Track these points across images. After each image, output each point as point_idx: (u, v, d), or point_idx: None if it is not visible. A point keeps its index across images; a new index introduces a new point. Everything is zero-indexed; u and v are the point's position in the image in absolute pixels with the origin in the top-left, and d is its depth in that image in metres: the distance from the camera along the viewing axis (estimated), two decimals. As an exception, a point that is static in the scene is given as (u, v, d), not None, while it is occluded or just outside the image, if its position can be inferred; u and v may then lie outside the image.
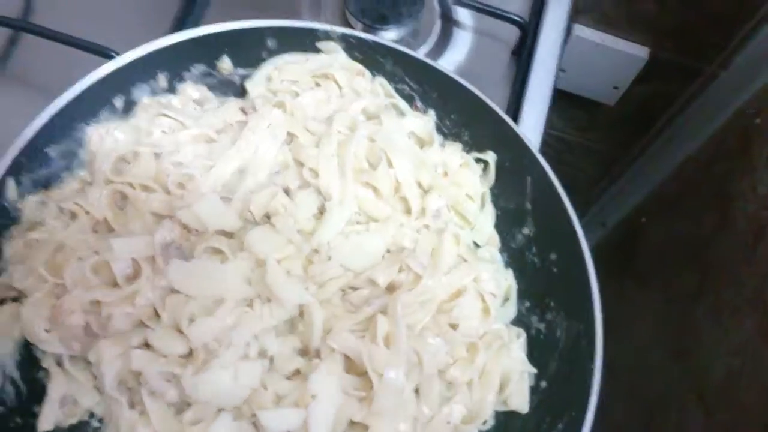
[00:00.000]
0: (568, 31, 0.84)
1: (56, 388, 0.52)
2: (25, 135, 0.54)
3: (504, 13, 0.77)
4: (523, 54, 0.78)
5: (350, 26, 0.76)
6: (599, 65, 1.06)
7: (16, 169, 0.54)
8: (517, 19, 0.77)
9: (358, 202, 0.56)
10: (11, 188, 0.54)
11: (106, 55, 0.66)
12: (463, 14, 0.80)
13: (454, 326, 0.56)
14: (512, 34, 0.79)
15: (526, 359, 0.57)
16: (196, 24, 0.74)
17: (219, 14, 0.76)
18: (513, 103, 0.74)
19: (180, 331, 0.51)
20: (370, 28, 0.75)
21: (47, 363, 0.53)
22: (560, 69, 0.80)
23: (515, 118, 0.72)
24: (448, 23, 0.80)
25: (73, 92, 0.56)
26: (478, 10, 0.77)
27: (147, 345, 0.51)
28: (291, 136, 0.59)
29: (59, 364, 0.53)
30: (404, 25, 0.75)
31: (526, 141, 0.60)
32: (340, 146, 0.57)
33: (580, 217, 0.57)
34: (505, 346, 0.56)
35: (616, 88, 1.10)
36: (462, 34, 0.80)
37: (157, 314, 0.52)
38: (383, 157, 0.57)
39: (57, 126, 0.55)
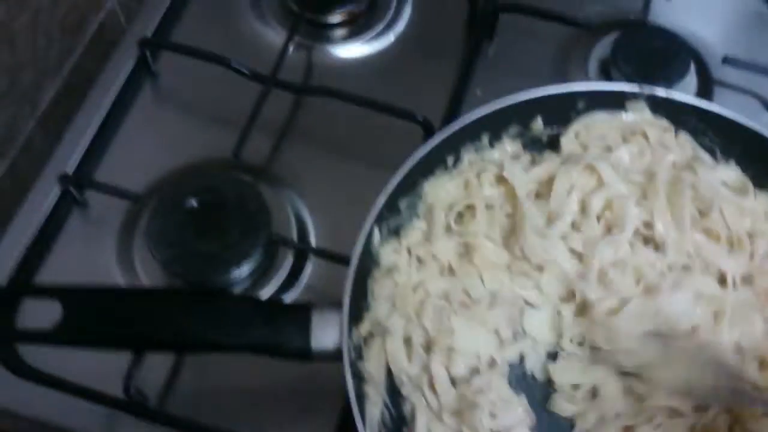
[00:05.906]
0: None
1: (421, 417, 0.58)
2: (386, 190, 0.61)
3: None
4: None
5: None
6: None
7: (379, 219, 0.61)
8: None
9: (695, 248, 0.59)
10: (376, 236, 0.61)
11: (414, 119, 0.74)
12: (728, 73, 0.83)
13: None
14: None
15: None
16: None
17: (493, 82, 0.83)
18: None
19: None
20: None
21: (406, 392, 0.59)
22: None
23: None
24: (708, 82, 0.83)
25: (420, 153, 0.63)
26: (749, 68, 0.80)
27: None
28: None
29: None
30: (673, 84, 0.79)
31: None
32: (670, 197, 0.61)
33: None
34: None
35: None
36: (725, 93, 0.82)
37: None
38: (714, 203, 0.60)
39: (406, 182, 0.63)
